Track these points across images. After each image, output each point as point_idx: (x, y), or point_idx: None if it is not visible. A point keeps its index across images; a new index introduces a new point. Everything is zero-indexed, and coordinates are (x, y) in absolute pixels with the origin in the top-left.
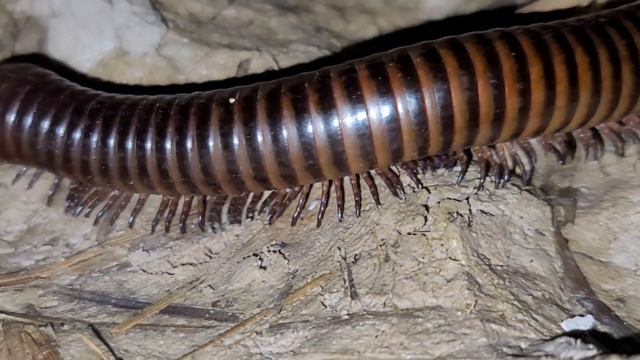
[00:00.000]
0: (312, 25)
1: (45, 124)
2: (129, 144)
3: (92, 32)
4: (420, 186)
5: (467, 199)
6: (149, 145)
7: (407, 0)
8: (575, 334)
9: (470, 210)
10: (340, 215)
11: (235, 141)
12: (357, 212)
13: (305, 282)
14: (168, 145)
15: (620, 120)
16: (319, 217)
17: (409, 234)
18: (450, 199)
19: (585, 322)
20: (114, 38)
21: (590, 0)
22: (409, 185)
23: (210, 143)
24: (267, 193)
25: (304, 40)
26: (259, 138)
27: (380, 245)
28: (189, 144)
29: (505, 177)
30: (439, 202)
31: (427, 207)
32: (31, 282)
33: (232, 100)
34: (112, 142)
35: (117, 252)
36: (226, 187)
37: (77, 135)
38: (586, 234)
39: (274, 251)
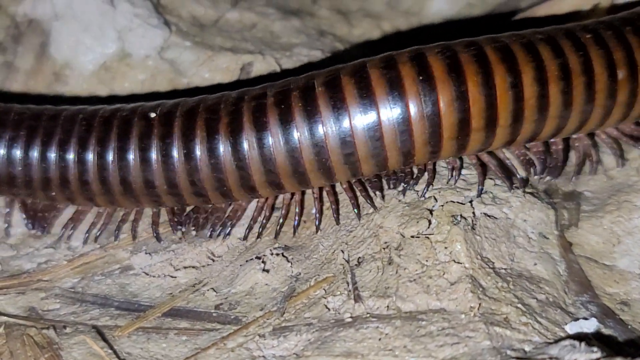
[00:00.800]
0: (315, 29)
1: None
2: (52, 155)
3: (95, 35)
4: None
5: (471, 202)
6: (70, 156)
7: (411, 5)
8: (579, 337)
9: (473, 213)
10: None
11: (153, 156)
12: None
13: (309, 285)
14: (90, 156)
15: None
16: (277, 229)
17: (412, 237)
18: (453, 202)
19: (590, 326)
20: (117, 40)
21: (593, 4)
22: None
23: (130, 156)
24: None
25: (307, 44)
26: (174, 155)
27: (384, 248)
28: (109, 156)
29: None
30: (442, 205)
31: (430, 211)
32: (33, 285)
33: (152, 115)
34: (35, 153)
35: (119, 255)
36: (144, 200)
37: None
38: (590, 237)
39: (277, 254)
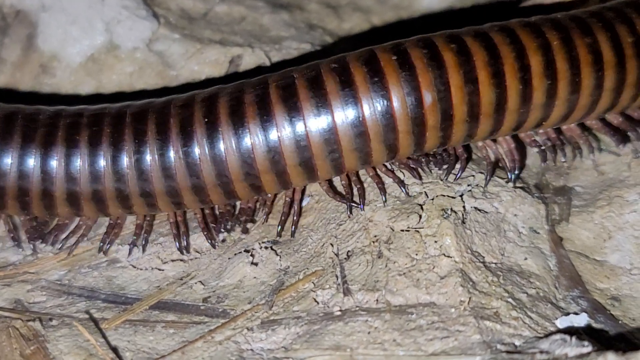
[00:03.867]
0: (305, 22)
1: None
2: None
3: (83, 26)
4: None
5: (461, 196)
6: None
7: None
8: (570, 332)
9: (464, 207)
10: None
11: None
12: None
13: (297, 278)
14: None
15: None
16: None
17: (402, 230)
18: (444, 195)
19: (580, 320)
20: (105, 32)
21: None
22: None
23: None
24: None
25: (296, 37)
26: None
27: (373, 242)
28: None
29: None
30: (432, 199)
31: (420, 205)
32: (19, 277)
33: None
34: None
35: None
36: (36, 208)
37: None
38: (581, 232)
39: (266, 247)
